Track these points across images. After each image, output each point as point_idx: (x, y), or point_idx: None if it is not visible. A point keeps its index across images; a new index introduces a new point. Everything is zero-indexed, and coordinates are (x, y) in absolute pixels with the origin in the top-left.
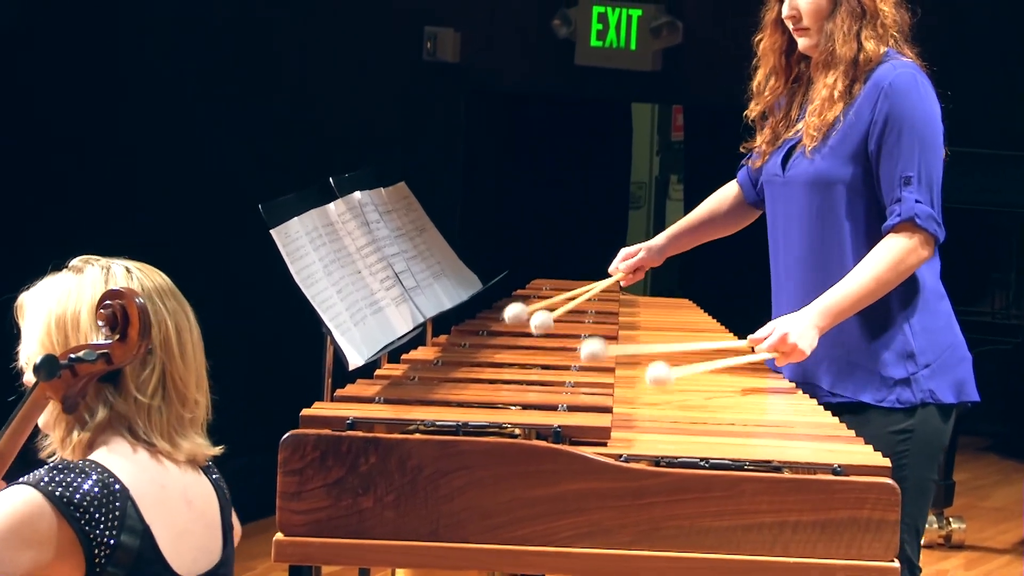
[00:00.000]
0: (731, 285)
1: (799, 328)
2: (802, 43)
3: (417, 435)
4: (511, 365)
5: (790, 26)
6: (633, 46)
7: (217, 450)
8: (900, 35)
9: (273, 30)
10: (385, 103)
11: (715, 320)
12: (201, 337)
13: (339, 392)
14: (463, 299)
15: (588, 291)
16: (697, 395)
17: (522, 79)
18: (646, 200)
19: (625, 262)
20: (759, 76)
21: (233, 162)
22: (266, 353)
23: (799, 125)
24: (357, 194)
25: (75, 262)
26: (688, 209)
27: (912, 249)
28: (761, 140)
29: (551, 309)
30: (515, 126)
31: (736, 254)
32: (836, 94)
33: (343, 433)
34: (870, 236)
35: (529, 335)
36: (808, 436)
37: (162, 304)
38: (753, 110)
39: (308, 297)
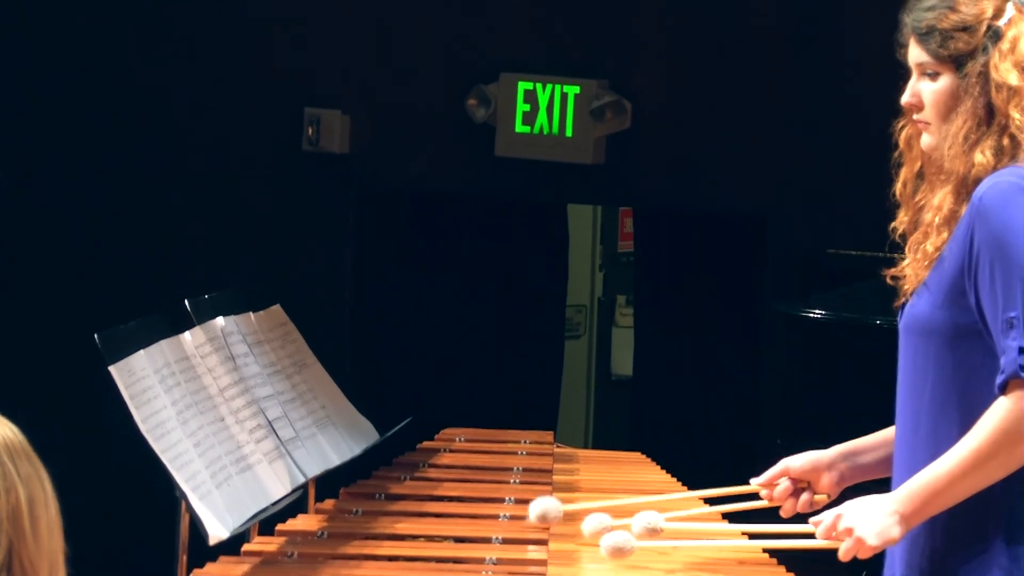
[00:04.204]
0: (691, 434)
1: (864, 512)
2: (924, 139)
3: None
4: (416, 537)
5: (913, 115)
6: (569, 132)
7: None
8: None
9: (116, 107)
10: (256, 204)
11: (674, 478)
12: (59, 515)
13: (197, 572)
14: (355, 453)
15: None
16: (654, 569)
17: (428, 174)
18: (586, 327)
19: (777, 485)
20: (903, 175)
21: (63, 278)
22: (103, 522)
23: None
24: (220, 320)
25: None
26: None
27: (1020, 413)
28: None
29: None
30: (419, 233)
31: (699, 396)
32: (940, 218)
33: None
34: (990, 402)
35: (437, 499)
36: None
37: (12, 466)
38: (900, 222)
39: (157, 452)
